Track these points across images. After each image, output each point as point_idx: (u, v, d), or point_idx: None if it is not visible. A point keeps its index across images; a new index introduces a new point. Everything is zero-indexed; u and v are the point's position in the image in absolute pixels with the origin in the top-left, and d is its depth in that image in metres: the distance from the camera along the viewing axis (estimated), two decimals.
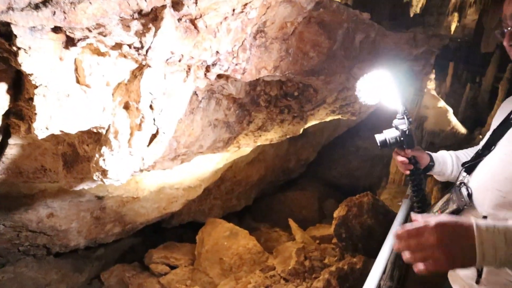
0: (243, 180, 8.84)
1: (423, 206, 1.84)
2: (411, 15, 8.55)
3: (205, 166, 6.54)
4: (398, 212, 2.69)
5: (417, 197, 1.84)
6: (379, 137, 1.76)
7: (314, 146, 9.96)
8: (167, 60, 2.27)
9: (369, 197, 5.43)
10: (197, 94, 3.62)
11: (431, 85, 10.11)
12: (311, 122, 6.02)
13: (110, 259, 7.51)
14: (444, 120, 9.26)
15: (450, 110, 9.42)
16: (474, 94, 10.86)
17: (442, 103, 9.61)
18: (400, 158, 1.76)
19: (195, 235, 7.44)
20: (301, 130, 5.79)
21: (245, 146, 5.76)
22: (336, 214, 5.45)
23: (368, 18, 3.64)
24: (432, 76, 10.06)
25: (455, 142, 8.87)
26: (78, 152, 3.09)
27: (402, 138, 1.72)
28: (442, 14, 9.07)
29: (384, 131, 1.78)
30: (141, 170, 3.99)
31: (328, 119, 6.19)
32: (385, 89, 1.68)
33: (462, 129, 9.24)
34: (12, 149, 3.08)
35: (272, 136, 5.66)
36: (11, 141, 2.97)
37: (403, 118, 1.73)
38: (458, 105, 10.56)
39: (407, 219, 2.67)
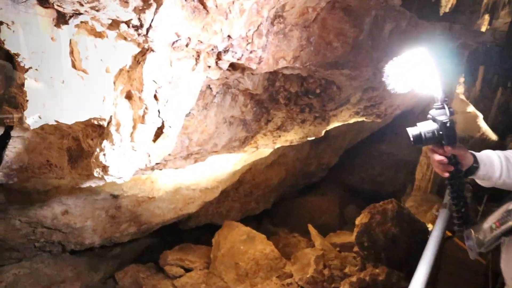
0: (263, 183, 8.63)
1: (464, 217, 1.49)
2: (441, 14, 8.18)
3: (222, 167, 6.36)
4: (435, 225, 2.32)
5: (457, 206, 1.48)
6: (412, 131, 1.43)
7: (336, 150, 9.67)
8: (172, 44, 2.05)
9: (394, 204, 5.10)
10: (211, 88, 3.40)
11: (459, 89, 9.66)
12: (334, 124, 5.73)
13: (126, 258, 7.44)
14: (473, 126, 8.77)
15: (480, 116, 8.91)
16: (506, 99, 10.34)
17: (471, 108, 9.10)
18: (438, 157, 1.41)
19: (213, 238, 7.27)
20: (323, 132, 5.51)
21: (263, 147, 5.52)
22: (358, 221, 5.16)
23: (399, 5, 3.29)
24: (461, 79, 9.62)
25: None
26: (83, 147, 2.92)
27: (441, 132, 1.39)
28: (475, 13, 8.65)
29: (418, 124, 1.44)
30: (152, 168, 3.81)
31: (352, 121, 5.89)
32: (420, 71, 1.38)
33: (493, 136, 8.70)
34: (16, 142, 2.94)
35: (292, 137, 5.41)
36: (13, 133, 2.82)
37: (443, 108, 1.40)
38: (489, 110, 10.09)
39: (445, 232, 2.31)
